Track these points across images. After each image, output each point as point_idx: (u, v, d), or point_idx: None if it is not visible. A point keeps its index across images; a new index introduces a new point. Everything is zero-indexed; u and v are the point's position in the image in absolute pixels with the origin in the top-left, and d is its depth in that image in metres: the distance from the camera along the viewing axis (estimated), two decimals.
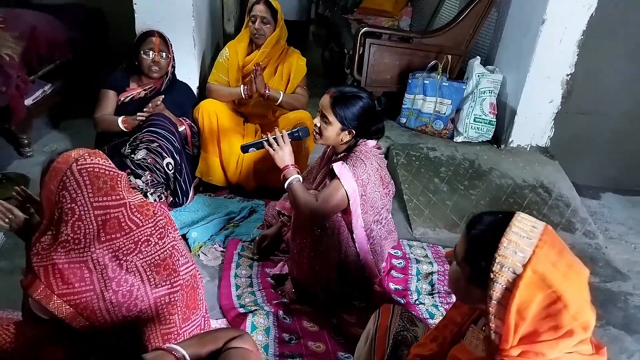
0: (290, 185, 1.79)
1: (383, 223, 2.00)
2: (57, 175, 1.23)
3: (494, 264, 0.95)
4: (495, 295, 0.95)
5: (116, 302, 1.26)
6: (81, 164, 1.24)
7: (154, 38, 2.47)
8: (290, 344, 1.77)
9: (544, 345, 0.94)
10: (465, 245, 1.04)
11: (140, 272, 1.31)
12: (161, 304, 1.35)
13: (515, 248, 0.94)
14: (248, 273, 2.12)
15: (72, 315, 1.23)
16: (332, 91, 1.86)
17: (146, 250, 1.31)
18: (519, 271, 0.93)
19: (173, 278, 1.37)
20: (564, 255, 0.97)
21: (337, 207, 1.79)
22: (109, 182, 1.26)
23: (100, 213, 1.23)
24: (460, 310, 1.21)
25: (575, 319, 0.94)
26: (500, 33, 3.29)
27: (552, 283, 0.92)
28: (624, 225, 2.99)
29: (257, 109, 2.81)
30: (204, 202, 2.59)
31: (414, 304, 2.03)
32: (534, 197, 2.83)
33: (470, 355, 1.10)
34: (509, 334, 0.94)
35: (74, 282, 1.21)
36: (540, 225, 0.99)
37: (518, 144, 3.22)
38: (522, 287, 0.92)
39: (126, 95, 2.54)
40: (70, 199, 1.22)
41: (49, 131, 3.34)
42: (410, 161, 2.98)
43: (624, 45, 3.06)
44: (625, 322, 2.13)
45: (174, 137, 2.38)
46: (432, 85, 3.16)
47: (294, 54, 2.81)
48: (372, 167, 1.83)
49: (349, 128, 1.85)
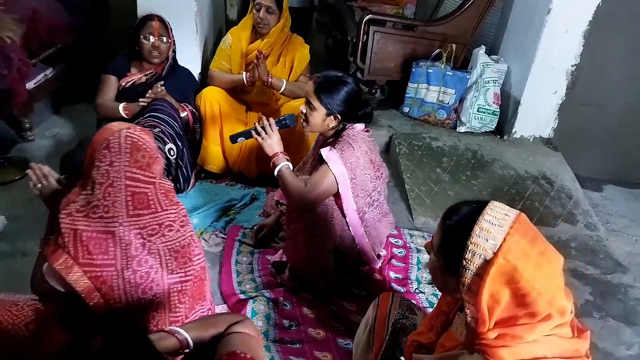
0: (279, 172, 1.81)
1: (375, 205, 2.00)
2: (106, 133, 1.26)
3: (466, 251, 0.97)
4: (466, 282, 0.98)
5: (134, 282, 1.27)
6: (130, 132, 1.27)
7: (153, 22, 2.45)
8: (290, 330, 1.78)
9: (521, 329, 0.96)
10: (440, 235, 1.07)
11: (160, 255, 1.33)
12: (173, 291, 1.37)
13: (487, 235, 0.96)
14: (249, 260, 2.13)
15: (89, 289, 1.24)
16: (316, 77, 1.88)
17: (169, 234, 1.33)
18: (489, 257, 0.95)
19: (187, 267, 1.40)
20: (537, 243, 0.98)
21: (326, 191, 1.80)
22: (147, 158, 1.29)
23: (130, 184, 1.26)
24: (447, 300, 1.23)
25: (550, 304, 0.96)
26: (506, 22, 3.26)
27: (522, 270, 0.93)
28: (626, 218, 2.98)
29: (260, 97, 2.79)
30: (205, 188, 2.59)
31: (414, 292, 2.04)
32: (536, 188, 2.82)
33: (455, 342, 1.12)
34: (485, 318, 0.96)
35: (97, 254, 1.23)
36: (512, 214, 1.00)
37: (521, 135, 3.20)
38: (492, 273, 0.94)
39: (127, 80, 2.52)
40: (109, 161, 1.24)
41: (50, 115, 3.33)
42: (413, 151, 2.97)
43: (630, 37, 3.03)
44: (625, 314, 2.13)
45: (176, 122, 2.37)
46: (435, 74, 3.13)
47: (297, 41, 2.79)
48: (360, 150, 1.84)
49: (334, 113, 1.85)
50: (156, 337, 1.04)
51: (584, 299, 2.19)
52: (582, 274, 2.33)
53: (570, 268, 2.34)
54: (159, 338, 1.04)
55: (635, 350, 1.95)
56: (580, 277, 2.31)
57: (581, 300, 2.17)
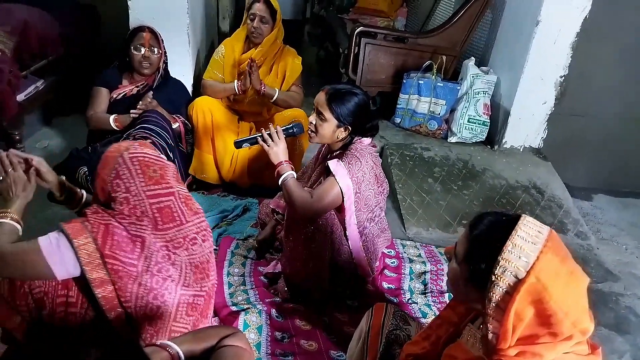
0: (284, 181, 1.78)
1: (376, 221, 2.00)
2: (109, 163, 1.27)
3: (497, 267, 0.94)
4: (494, 298, 0.95)
5: (149, 286, 1.29)
6: (132, 153, 1.28)
7: (144, 33, 2.46)
8: (283, 342, 1.77)
9: (542, 347, 0.94)
10: (466, 245, 1.03)
11: (181, 268, 1.35)
12: (184, 303, 1.38)
13: (520, 252, 0.94)
14: (241, 271, 2.11)
15: (103, 280, 1.25)
16: (327, 88, 1.87)
17: (192, 248, 1.36)
18: (521, 276, 0.92)
19: (203, 282, 1.42)
20: (567, 262, 0.96)
21: (331, 204, 1.79)
22: (159, 171, 1.30)
23: (154, 202, 1.27)
24: (457, 310, 1.20)
25: (574, 326, 0.94)
26: (495, 34, 3.30)
27: (553, 292, 0.92)
28: (616, 227, 3.01)
29: (252, 106, 2.80)
30: (197, 199, 2.55)
31: (407, 303, 2.04)
32: (527, 197, 2.84)
33: (467, 355, 1.10)
34: (507, 335, 0.94)
35: (123, 251, 1.25)
36: (545, 231, 0.98)
37: (511, 145, 3.23)
38: (523, 292, 0.92)
39: (118, 92, 2.52)
40: (124, 188, 1.26)
41: (40, 127, 3.31)
42: (404, 161, 2.98)
43: (617, 48, 3.08)
44: (616, 322, 2.14)
45: (167, 134, 2.36)
46: (426, 85, 3.16)
47: (290, 52, 2.80)
48: (367, 165, 1.83)
49: (345, 125, 1.85)
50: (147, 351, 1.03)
51: None
52: None
53: None
54: (151, 352, 1.03)
55: (627, 358, 1.96)
56: None
57: None
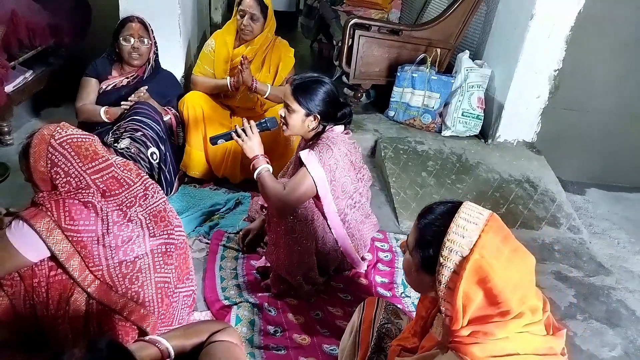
0: (259, 175, 1.80)
1: (357, 207, 2.00)
2: (40, 155, 1.29)
3: (444, 248, 0.99)
4: (443, 279, 0.99)
5: (115, 245, 1.34)
6: (59, 138, 1.31)
7: (133, 24, 2.42)
8: (275, 336, 1.76)
9: (493, 326, 0.98)
10: (416, 234, 1.08)
11: (141, 220, 1.42)
12: (158, 253, 1.45)
13: (463, 232, 0.99)
14: (233, 265, 2.10)
15: (69, 253, 1.29)
16: (292, 79, 1.89)
17: (144, 203, 1.44)
18: (465, 254, 0.97)
19: (170, 230, 1.48)
20: (509, 241, 1.01)
21: (305, 194, 1.79)
22: (90, 148, 1.34)
23: (96, 177, 1.33)
24: (424, 304, 1.24)
25: (522, 302, 0.98)
26: (489, 27, 3.29)
27: (495, 267, 0.96)
28: (608, 221, 3.02)
29: (245, 102, 2.76)
30: (188, 193, 2.55)
31: (399, 297, 2.03)
32: (520, 191, 2.84)
33: (433, 342, 1.14)
34: (458, 315, 0.98)
35: (78, 220, 1.29)
36: (486, 213, 1.03)
37: (505, 139, 3.23)
38: (469, 269, 0.96)
39: (108, 83, 2.49)
40: (64, 173, 1.30)
41: (29, 119, 3.26)
42: (398, 154, 2.97)
43: (611, 42, 3.08)
44: (607, 315, 2.15)
45: (158, 126, 2.33)
46: (420, 78, 3.14)
47: (282, 45, 2.77)
48: (340, 152, 1.84)
49: (312, 113, 1.85)
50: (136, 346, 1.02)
51: (568, 301, 2.20)
52: (566, 276, 2.35)
53: (554, 271, 2.36)
54: (139, 348, 1.02)
55: (618, 351, 1.97)
56: (563, 280, 2.33)
57: (565, 303, 2.18)
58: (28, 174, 1.32)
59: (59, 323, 1.34)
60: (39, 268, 1.31)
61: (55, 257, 1.28)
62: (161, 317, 1.49)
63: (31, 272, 1.31)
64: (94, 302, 1.36)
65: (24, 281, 1.32)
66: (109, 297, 1.37)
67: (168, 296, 1.49)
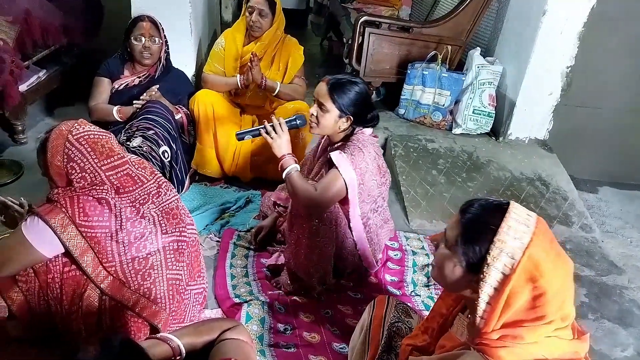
0: (288, 174, 1.76)
1: (379, 211, 1.99)
2: (57, 150, 1.32)
3: (493, 248, 0.96)
4: (490, 280, 0.96)
5: (127, 241, 1.37)
6: (76, 134, 1.33)
7: (144, 23, 2.44)
8: (285, 334, 1.77)
9: (523, 330, 0.97)
10: (459, 229, 1.03)
11: (153, 217, 1.44)
12: (169, 250, 1.47)
13: (515, 234, 0.96)
14: (243, 263, 2.11)
15: (83, 249, 1.32)
16: (328, 78, 1.85)
17: (157, 200, 1.46)
18: (517, 257, 0.95)
19: (181, 227, 1.51)
20: (554, 244, 1.00)
21: (336, 196, 1.77)
22: (106, 145, 1.37)
23: (111, 174, 1.35)
24: (446, 302, 1.22)
25: (560, 308, 0.97)
26: (501, 24, 3.26)
27: (544, 271, 0.94)
28: (621, 219, 2.99)
29: (255, 99, 2.77)
30: (199, 191, 2.57)
31: (409, 295, 2.03)
32: (532, 190, 2.82)
33: (455, 342, 1.12)
34: (493, 318, 0.96)
35: (92, 216, 1.31)
36: (533, 215, 1.01)
37: (517, 137, 3.20)
38: (519, 272, 0.94)
39: (120, 82, 2.51)
40: (79, 168, 1.32)
41: (43, 118, 3.30)
42: (408, 152, 2.96)
43: (625, 39, 3.03)
44: (620, 315, 2.13)
45: (170, 124, 2.35)
46: (431, 76, 3.13)
47: (292, 43, 2.77)
48: (369, 155, 1.82)
49: (346, 115, 1.83)
50: (148, 344, 1.03)
51: (580, 300, 2.19)
52: (578, 275, 2.33)
53: None
54: (151, 345, 1.03)
55: (630, 351, 1.95)
56: (575, 279, 2.30)
57: (577, 302, 2.17)
58: (45, 169, 1.34)
59: (72, 319, 1.36)
60: (53, 264, 1.33)
61: (70, 252, 1.30)
62: (172, 314, 1.51)
63: (45, 268, 1.33)
64: (106, 298, 1.38)
65: (39, 277, 1.34)
66: (121, 293, 1.38)
67: (179, 293, 1.50)
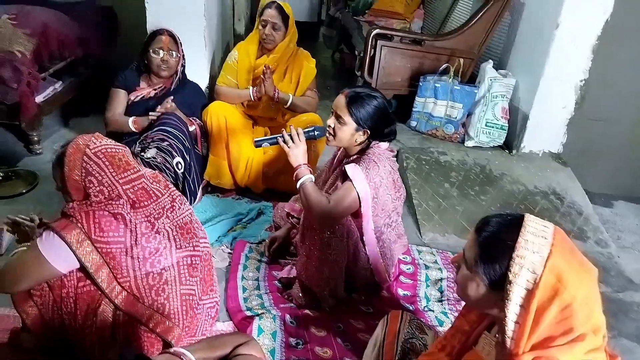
0: (302, 185, 1.76)
1: (393, 226, 1.98)
2: (75, 164, 1.33)
3: (513, 265, 0.94)
4: (514, 297, 0.94)
5: (142, 257, 1.37)
6: (94, 148, 1.34)
7: (163, 37, 2.47)
8: (297, 348, 1.75)
9: (556, 350, 0.93)
10: (477, 249, 1.01)
11: (168, 232, 1.44)
12: (183, 265, 1.48)
13: (533, 248, 0.94)
14: (255, 275, 2.11)
15: (98, 265, 1.32)
16: (347, 91, 1.84)
17: (172, 215, 1.47)
18: (539, 271, 0.92)
19: (195, 242, 1.51)
20: (575, 253, 0.97)
21: (349, 208, 1.77)
22: (123, 159, 1.38)
23: (127, 187, 1.36)
24: (469, 319, 1.18)
25: (588, 319, 0.94)
26: (514, 37, 3.26)
27: (568, 283, 0.92)
28: (636, 234, 2.94)
29: (267, 111, 2.78)
30: (211, 202, 2.58)
31: (422, 310, 2.01)
32: (546, 204, 2.79)
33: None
34: (523, 338, 0.93)
35: (108, 231, 1.32)
36: (550, 225, 0.99)
37: (530, 150, 3.18)
38: (542, 286, 0.92)
39: (136, 94, 2.54)
40: (97, 182, 1.33)
41: (59, 129, 3.35)
42: (421, 165, 2.95)
43: (639, 52, 3.01)
44: (637, 333, 2.09)
45: (184, 136, 2.37)
46: (443, 88, 3.13)
47: (304, 55, 2.79)
48: (385, 169, 1.81)
49: (364, 128, 1.82)
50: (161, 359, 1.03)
51: None
52: None
53: None
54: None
55: None
56: None
57: None
58: (62, 183, 1.35)
59: (86, 333, 1.36)
60: (68, 279, 1.34)
61: (85, 268, 1.30)
62: (185, 329, 1.51)
63: (60, 283, 1.34)
64: (120, 314, 1.38)
65: (53, 292, 1.34)
66: (135, 309, 1.38)
67: (192, 308, 1.50)
